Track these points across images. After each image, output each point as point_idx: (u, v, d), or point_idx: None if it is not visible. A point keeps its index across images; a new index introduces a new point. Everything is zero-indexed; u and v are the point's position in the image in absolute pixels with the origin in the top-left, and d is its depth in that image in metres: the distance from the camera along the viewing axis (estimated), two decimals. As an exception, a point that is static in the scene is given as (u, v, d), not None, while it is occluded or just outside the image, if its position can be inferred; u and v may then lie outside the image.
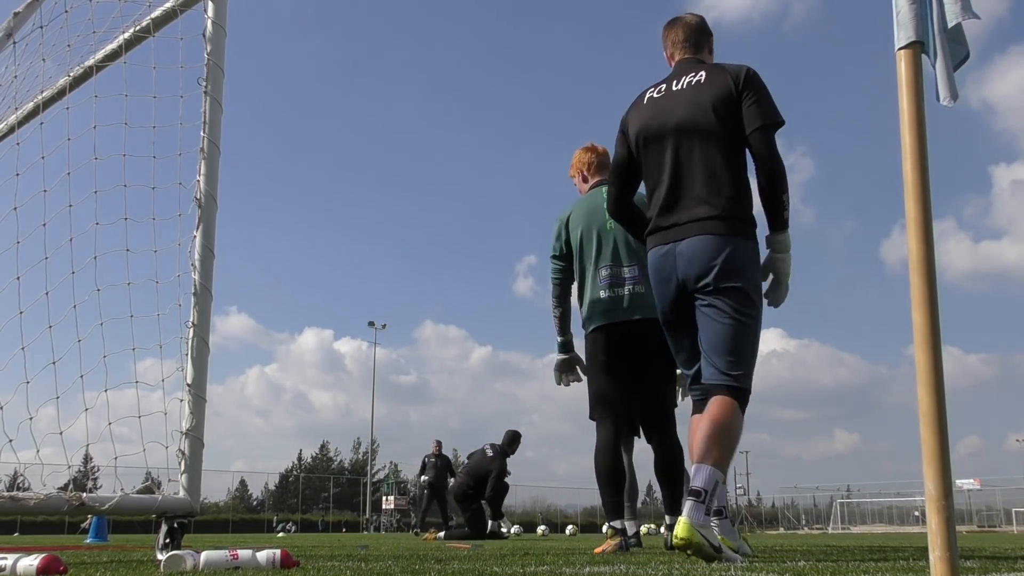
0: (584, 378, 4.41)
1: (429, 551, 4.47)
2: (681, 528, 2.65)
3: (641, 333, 4.10)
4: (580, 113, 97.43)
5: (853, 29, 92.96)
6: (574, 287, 4.45)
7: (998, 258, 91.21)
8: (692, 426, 3.17)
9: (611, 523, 4.23)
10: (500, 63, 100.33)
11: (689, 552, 2.68)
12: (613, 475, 4.18)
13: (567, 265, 4.36)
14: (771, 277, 3.12)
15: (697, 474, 2.79)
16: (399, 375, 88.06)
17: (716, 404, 2.92)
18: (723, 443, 2.82)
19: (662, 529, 5.91)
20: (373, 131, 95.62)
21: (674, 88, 3.20)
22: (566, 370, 4.46)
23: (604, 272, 4.17)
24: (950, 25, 1.62)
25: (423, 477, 15.99)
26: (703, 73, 3.17)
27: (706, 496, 2.72)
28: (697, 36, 3.38)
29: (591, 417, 4.33)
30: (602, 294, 4.15)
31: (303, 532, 36.81)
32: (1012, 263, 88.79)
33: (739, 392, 2.95)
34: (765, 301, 3.08)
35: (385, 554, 4.01)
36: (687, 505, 2.71)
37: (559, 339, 4.43)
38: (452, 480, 16.60)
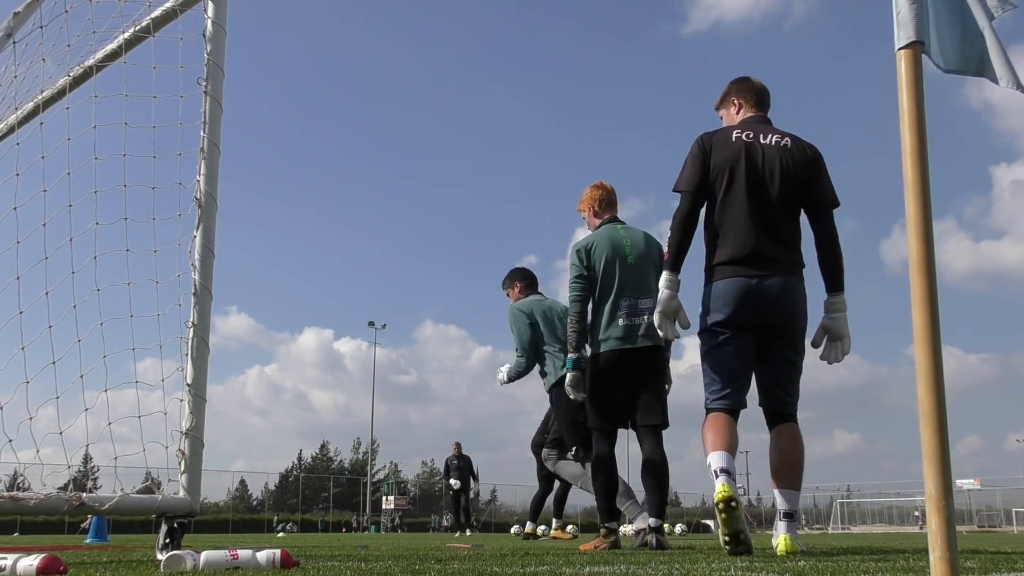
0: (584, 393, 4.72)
1: (429, 551, 4.47)
2: (788, 544, 3.40)
3: (647, 357, 4.53)
4: (582, 113, 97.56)
5: (854, 29, 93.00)
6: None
7: (998, 258, 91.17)
8: (714, 421, 3.50)
9: (607, 524, 4.62)
10: (502, 62, 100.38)
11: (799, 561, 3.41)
12: (611, 485, 4.65)
13: (592, 285, 4.64)
14: (825, 335, 3.61)
15: (791, 499, 3.50)
16: (399, 375, 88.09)
17: (795, 435, 3.57)
18: (802, 469, 3.56)
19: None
20: (374, 130, 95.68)
21: (762, 140, 3.62)
22: (581, 386, 4.70)
23: (625, 302, 4.54)
24: (996, 16, 1.63)
25: (451, 480, 16.19)
26: (788, 139, 3.64)
27: (797, 515, 3.52)
28: (766, 98, 3.85)
29: (592, 426, 4.65)
30: (621, 321, 4.52)
31: (303, 532, 36.81)
32: (1012, 263, 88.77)
33: (796, 416, 3.62)
34: (825, 355, 3.62)
35: (385, 554, 4.01)
36: (787, 524, 3.45)
37: (574, 356, 4.66)
38: (474, 481, 16.78)
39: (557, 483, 8.29)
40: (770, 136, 3.62)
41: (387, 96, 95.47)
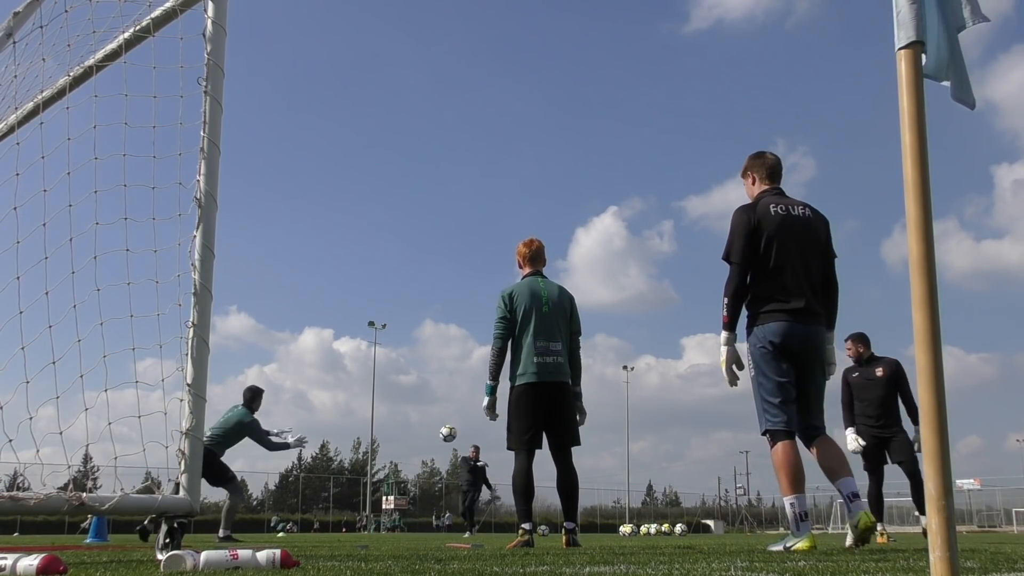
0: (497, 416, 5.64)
1: (429, 551, 4.47)
2: (869, 517, 4.10)
3: (559, 392, 5.42)
4: (583, 112, 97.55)
5: (855, 27, 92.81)
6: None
7: (999, 258, 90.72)
8: (786, 454, 4.15)
9: (523, 525, 5.33)
10: (504, 60, 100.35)
11: (875, 531, 4.15)
12: (529, 492, 5.44)
13: (512, 326, 5.50)
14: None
15: (851, 484, 4.14)
16: (399, 375, 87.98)
17: (832, 441, 4.31)
18: (847, 459, 4.30)
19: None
20: (374, 130, 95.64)
21: (792, 213, 4.36)
22: (494, 409, 5.62)
23: (540, 343, 5.40)
24: (966, 28, 1.63)
25: (472, 482, 16.37)
26: (808, 210, 4.42)
27: (859, 496, 4.16)
28: (778, 171, 4.55)
29: (511, 447, 5.43)
30: (536, 359, 5.38)
31: (304, 532, 36.81)
32: (1013, 263, 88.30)
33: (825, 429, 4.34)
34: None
35: (385, 554, 4.01)
36: (863, 503, 4.16)
37: (492, 383, 5.55)
38: (484, 487, 16.87)
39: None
40: (797, 208, 4.38)
41: (387, 96, 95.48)
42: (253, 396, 9.48)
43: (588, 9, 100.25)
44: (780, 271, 4.25)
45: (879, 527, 7.43)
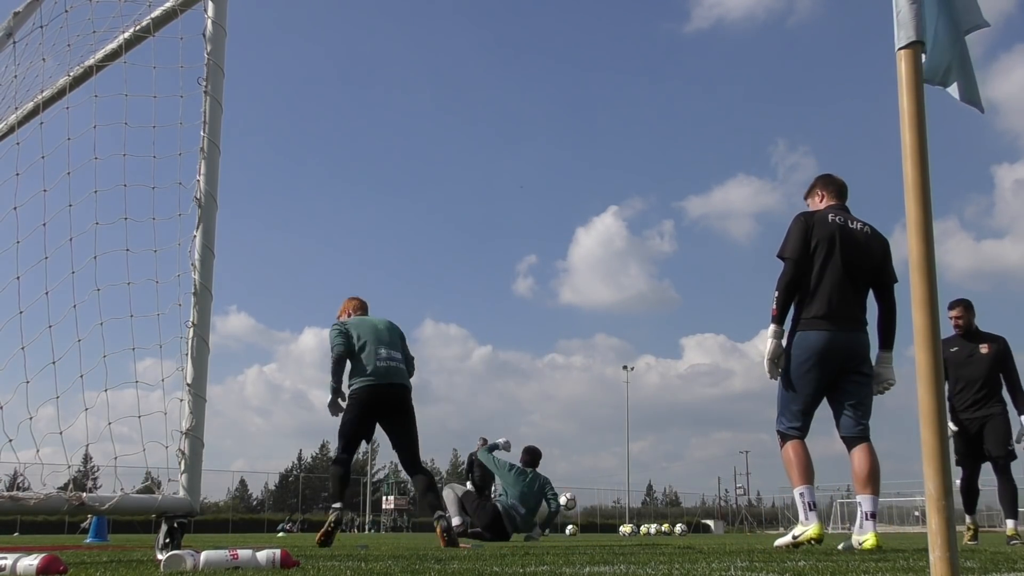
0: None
1: (429, 551, 4.47)
2: (875, 539, 4.11)
3: (398, 394, 5.95)
4: (583, 111, 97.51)
5: (856, 27, 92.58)
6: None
7: (1000, 258, 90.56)
8: (796, 450, 4.37)
9: (335, 505, 5.95)
10: (502, 60, 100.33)
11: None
12: (346, 478, 6.01)
13: (350, 340, 6.02)
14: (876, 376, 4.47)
15: (874, 503, 4.23)
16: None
17: (871, 452, 4.30)
18: (879, 477, 4.28)
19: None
20: (374, 130, 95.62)
21: (850, 226, 4.49)
22: (339, 408, 6.07)
23: (382, 351, 5.95)
24: (965, 32, 1.63)
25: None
26: (868, 228, 4.54)
27: (875, 516, 4.21)
28: (845, 191, 4.70)
29: (343, 439, 5.97)
30: (378, 364, 5.91)
31: (307, 532, 36.79)
32: (1014, 263, 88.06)
33: (869, 436, 4.36)
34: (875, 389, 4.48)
35: (385, 554, 4.01)
36: (872, 524, 4.17)
37: (336, 384, 6.00)
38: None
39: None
40: (856, 223, 4.52)
41: (387, 95, 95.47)
42: (532, 458, 9.99)
43: (588, 8, 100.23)
44: (825, 277, 4.38)
45: (1012, 527, 7.25)
